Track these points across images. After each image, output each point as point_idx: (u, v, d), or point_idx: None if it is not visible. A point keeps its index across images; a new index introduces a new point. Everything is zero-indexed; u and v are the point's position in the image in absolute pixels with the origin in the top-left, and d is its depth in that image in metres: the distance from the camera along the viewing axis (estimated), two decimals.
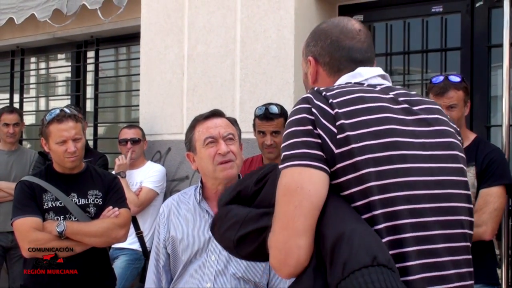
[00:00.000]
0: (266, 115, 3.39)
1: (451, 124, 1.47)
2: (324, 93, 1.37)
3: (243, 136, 2.42)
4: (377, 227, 1.27)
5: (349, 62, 1.50)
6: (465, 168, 1.45)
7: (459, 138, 1.48)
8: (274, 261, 1.32)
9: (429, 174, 1.35)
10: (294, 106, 1.39)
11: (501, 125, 3.09)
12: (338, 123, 1.31)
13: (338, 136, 1.30)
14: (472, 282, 1.39)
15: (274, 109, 3.39)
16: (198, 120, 2.27)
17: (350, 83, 1.46)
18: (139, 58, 4.70)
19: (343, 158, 1.30)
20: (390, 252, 1.25)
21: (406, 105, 1.40)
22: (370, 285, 1.14)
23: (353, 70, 1.49)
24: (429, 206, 1.33)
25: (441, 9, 3.72)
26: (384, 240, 1.26)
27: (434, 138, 1.40)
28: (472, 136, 2.95)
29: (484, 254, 2.78)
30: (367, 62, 1.52)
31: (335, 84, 1.48)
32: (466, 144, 2.88)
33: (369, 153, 1.29)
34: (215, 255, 2.12)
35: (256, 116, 3.48)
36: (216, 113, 2.27)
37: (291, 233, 1.28)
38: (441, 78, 2.91)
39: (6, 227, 4.24)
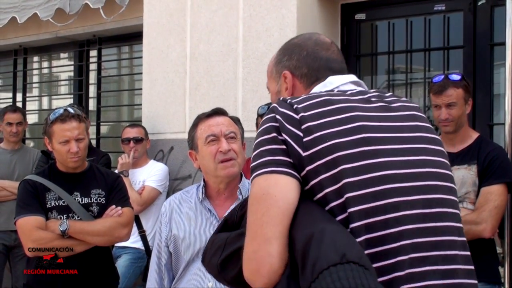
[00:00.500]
0: None
1: (428, 121, 1.46)
2: (289, 100, 1.37)
3: (246, 135, 2.41)
4: (353, 225, 1.23)
5: (327, 72, 1.50)
6: (448, 163, 1.41)
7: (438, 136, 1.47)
8: (247, 272, 1.27)
9: (409, 167, 1.32)
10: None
11: (503, 124, 3.08)
12: (304, 126, 1.30)
13: (305, 139, 1.28)
14: (474, 281, 1.34)
15: None
16: (201, 118, 2.27)
17: (321, 91, 1.45)
18: (141, 57, 4.71)
19: (312, 160, 1.27)
20: (375, 249, 1.22)
21: (380, 104, 1.39)
22: (337, 283, 1.09)
23: None
24: (412, 199, 1.29)
25: (443, 8, 3.71)
26: (362, 238, 1.22)
27: (414, 133, 1.38)
28: (475, 135, 2.94)
29: (484, 253, 2.77)
30: (343, 72, 1.52)
31: None
32: (468, 143, 2.89)
33: (340, 150, 1.27)
34: None
35: (258, 115, 3.48)
36: (218, 112, 2.27)
37: (260, 241, 1.24)
38: (442, 77, 2.91)
39: (9, 226, 4.25)
